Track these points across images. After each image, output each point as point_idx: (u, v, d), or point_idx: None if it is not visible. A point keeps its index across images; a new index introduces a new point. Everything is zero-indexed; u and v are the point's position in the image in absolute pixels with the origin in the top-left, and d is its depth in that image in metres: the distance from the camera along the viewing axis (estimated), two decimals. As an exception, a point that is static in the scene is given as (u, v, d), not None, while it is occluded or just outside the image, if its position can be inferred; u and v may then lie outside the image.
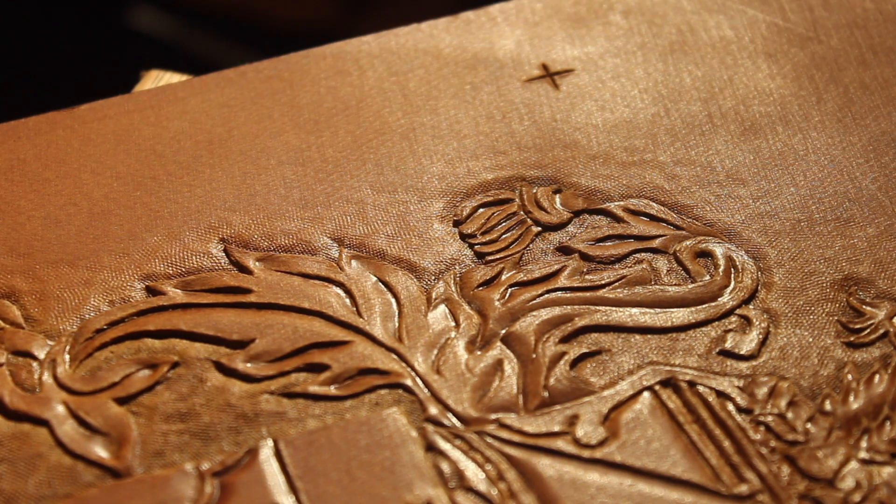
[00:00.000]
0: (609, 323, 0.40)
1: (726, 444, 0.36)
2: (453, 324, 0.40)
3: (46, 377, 0.38)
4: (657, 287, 0.41)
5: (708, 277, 0.41)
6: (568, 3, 0.51)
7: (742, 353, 0.39)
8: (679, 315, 0.40)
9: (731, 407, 0.37)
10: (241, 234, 0.42)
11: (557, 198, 0.44)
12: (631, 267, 0.42)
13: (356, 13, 1.05)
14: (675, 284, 0.41)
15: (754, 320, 0.40)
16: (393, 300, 0.40)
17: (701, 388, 0.38)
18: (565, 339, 0.39)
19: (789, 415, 0.37)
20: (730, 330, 0.40)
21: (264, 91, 0.47)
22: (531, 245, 0.42)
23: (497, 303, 0.40)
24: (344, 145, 0.46)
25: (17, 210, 0.43)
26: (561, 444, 0.36)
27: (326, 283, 0.41)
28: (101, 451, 0.36)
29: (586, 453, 0.36)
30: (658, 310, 0.40)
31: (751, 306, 0.40)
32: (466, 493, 0.35)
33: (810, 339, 0.39)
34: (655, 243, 0.42)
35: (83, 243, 0.42)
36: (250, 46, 1.03)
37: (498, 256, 0.42)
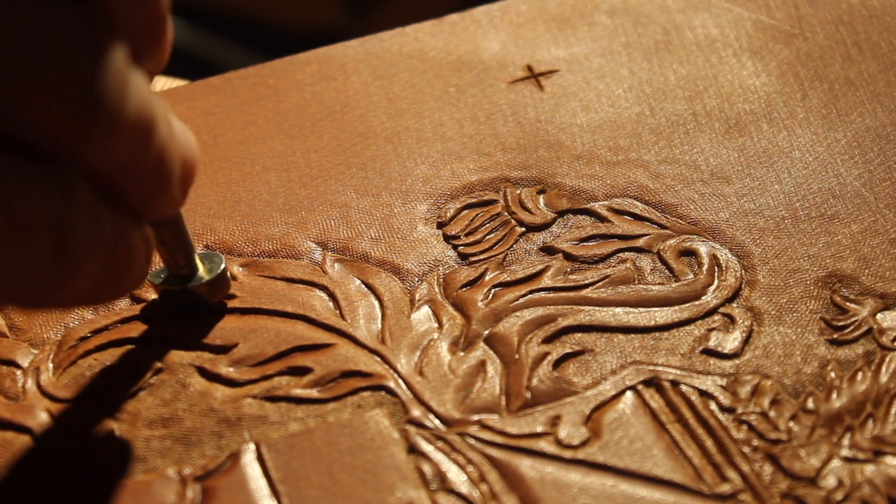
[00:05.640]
0: (592, 323, 0.40)
1: (709, 443, 0.36)
2: (436, 325, 0.40)
3: (30, 385, 0.38)
4: (641, 286, 0.41)
5: (692, 276, 0.41)
6: (553, 4, 0.51)
7: (725, 351, 0.39)
8: (662, 314, 0.40)
9: (713, 406, 0.37)
10: (226, 240, 0.43)
11: (541, 198, 0.44)
12: (615, 266, 0.42)
13: (360, 17, 1.05)
14: (659, 283, 0.41)
15: (738, 318, 0.40)
16: (376, 302, 0.40)
17: (684, 388, 0.38)
18: (548, 340, 0.39)
19: (772, 413, 0.37)
20: (713, 328, 0.40)
21: (249, 98, 0.47)
22: (515, 245, 0.42)
23: (480, 303, 0.40)
24: (328, 150, 0.46)
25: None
26: (543, 445, 0.36)
27: (310, 287, 0.41)
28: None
29: (568, 454, 0.36)
30: (641, 309, 0.40)
31: (734, 304, 0.40)
32: (448, 494, 0.35)
33: (794, 337, 0.39)
34: (639, 242, 0.42)
35: (68, 251, 0.42)
36: (254, 50, 1.03)
37: (482, 257, 0.42)
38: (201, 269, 0.39)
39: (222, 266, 0.39)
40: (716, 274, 0.41)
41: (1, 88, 0.27)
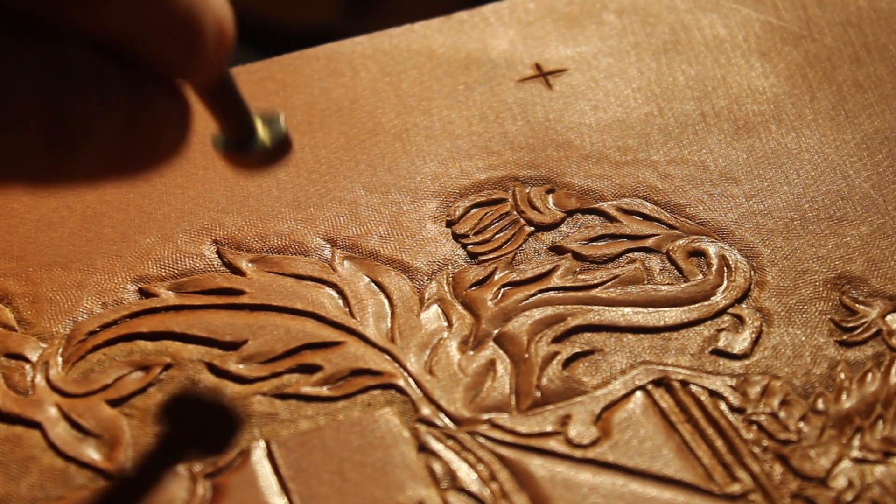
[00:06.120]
0: (602, 322, 0.40)
1: (719, 443, 0.36)
2: (446, 324, 0.40)
3: (39, 379, 0.38)
4: (650, 286, 0.41)
5: (701, 276, 0.41)
6: (561, 2, 0.51)
7: (735, 352, 0.39)
8: (672, 314, 0.40)
9: (723, 406, 0.37)
10: (234, 235, 0.42)
11: (550, 197, 0.44)
12: (624, 266, 0.42)
13: (360, 17, 1.05)
14: (668, 284, 0.41)
15: (747, 319, 0.40)
16: (385, 300, 0.40)
17: (693, 388, 0.38)
18: (558, 339, 0.39)
19: (782, 414, 0.37)
20: (722, 329, 0.40)
21: (257, 92, 0.47)
22: (524, 245, 0.42)
23: (490, 303, 0.40)
24: (337, 146, 0.46)
25: (10, 213, 0.43)
26: (553, 444, 0.36)
27: (319, 284, 0.41)
28: (93, 454, 0.36)
29: (578, 453, 0.36)
30: (651, 309, 0.40)
31: (744, 305, 0.40)
32: (458, 493, 0.35)
33: (803, 338, 0.39)
34: (648, 242, 0.42)
35: (76, 246, 0.42)
36: (254, 50, 1.02)
37: (491, 256, 0.42)
38: (262, 133, 0.35)
39: (282, 128, 0.35)
40: (725, 274, 0.41)
41: None
